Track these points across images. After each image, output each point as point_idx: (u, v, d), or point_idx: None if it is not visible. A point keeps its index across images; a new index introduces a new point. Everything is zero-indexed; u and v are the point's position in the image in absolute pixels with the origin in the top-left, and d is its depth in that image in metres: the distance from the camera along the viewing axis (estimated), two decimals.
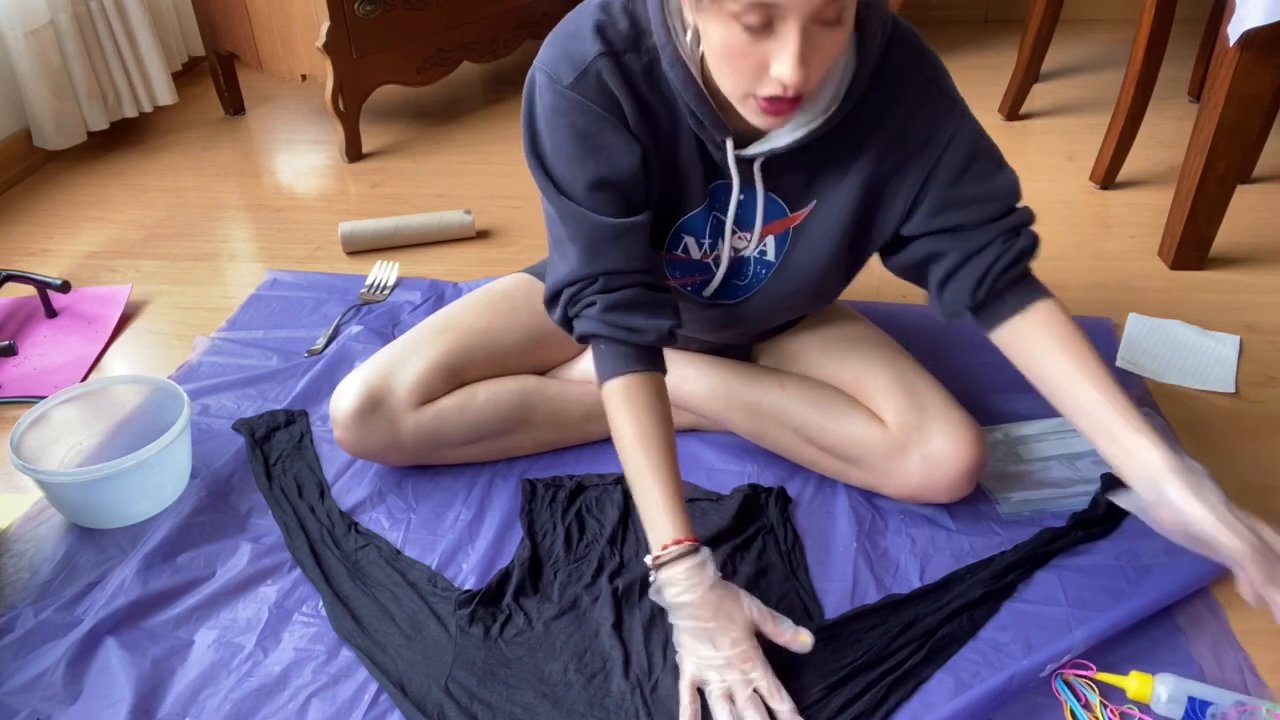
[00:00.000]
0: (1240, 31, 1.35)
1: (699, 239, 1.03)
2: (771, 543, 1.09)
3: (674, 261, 1.05)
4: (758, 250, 1.03)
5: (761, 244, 1.03)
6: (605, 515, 1.13)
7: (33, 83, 1.98)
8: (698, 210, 1.00)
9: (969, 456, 1.05)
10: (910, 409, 1.07)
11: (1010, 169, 0.99)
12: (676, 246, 1.03)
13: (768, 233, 1.02)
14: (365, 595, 1.04)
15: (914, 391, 1.09)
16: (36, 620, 1.02)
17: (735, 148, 0.94)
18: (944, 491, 1.08)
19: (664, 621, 0.99)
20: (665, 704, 0.92)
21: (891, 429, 1.08)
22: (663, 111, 0.94)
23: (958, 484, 1.07)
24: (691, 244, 1.03)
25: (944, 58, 0.96)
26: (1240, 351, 1.38)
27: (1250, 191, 1.81)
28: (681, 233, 1.02)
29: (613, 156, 0.94)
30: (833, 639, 0.96)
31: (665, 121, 0.95)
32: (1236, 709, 0.86)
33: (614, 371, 0.96)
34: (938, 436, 1.06)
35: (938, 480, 1.06)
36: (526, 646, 0.98)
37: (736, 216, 1.00)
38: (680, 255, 1.04)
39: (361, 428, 1.13)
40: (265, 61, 2.18)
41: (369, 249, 1.74)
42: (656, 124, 0.95)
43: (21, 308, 1.60)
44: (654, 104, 0.93)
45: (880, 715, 0.90)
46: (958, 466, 1.05)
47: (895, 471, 1.08)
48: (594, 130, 0.93)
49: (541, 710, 0.92)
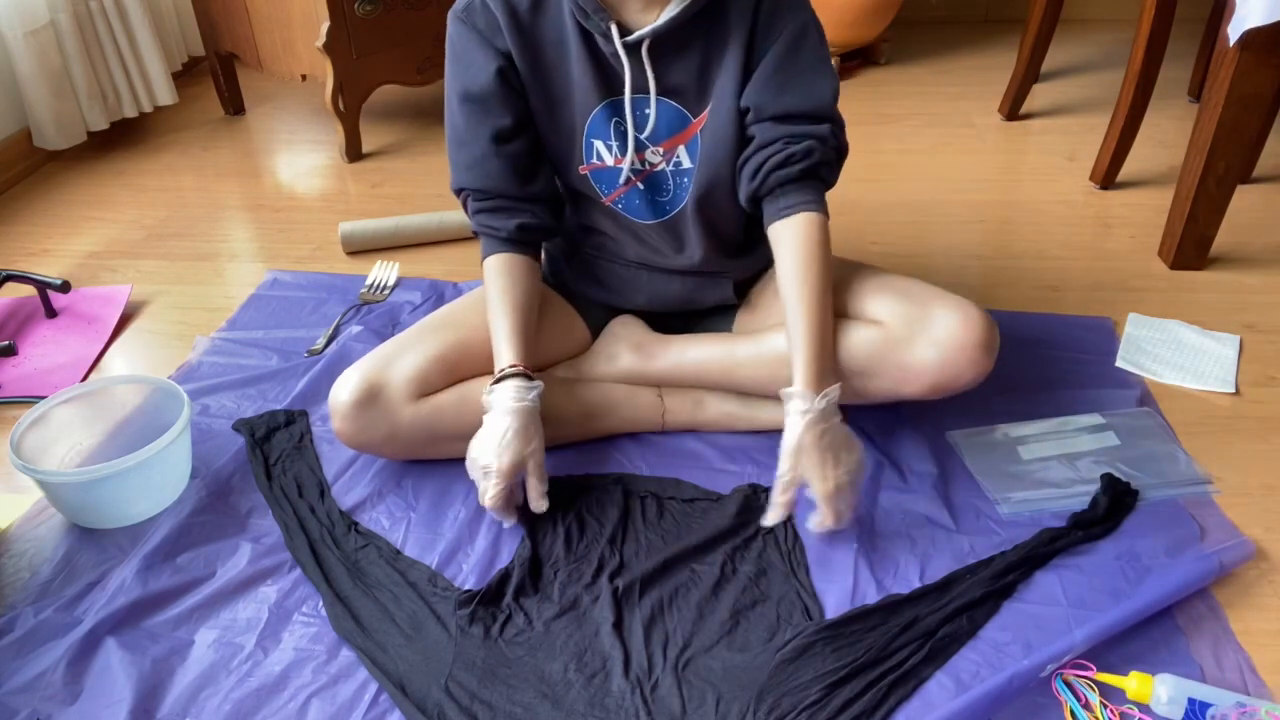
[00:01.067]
0: (1240, 31, 1.35)
1: (606, 143, 1.14)
2: (771, 542, 1.09)
3: (596, 174, 1.16)
4: (673, 163, 1.13)
5: (675, 155, 1.12)
6: (606, 515, 1.13)
7: (33, 83, 1.98)
8: (597, 113, 1.11)
9: (977, 328, 1.06)
10: (905, 303, 1.09)
11: (831, 79, 1.09)
12: (591, 155, 1.15)
13: (676, 143, 1.11)
14: (365, 595, 1.04)
15: (904, 290, 1.11)
16: (36, 620, 1.02)
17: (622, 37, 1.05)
18: (964, 369, 1.07)
19: (664, 621, 1.00)
20: (666, 703, 0.92)
21: (891, 325, 1.09)
22: (551, 26, 1.08)
23: (976, 357, 1.06)
24: (602, 150, 1.14)
25: (944, 58, 0.97)
26: (1240, 351, 1.38)
27: (1250, 191, 1.81)
28: (590, 139, 1.14)
29: (475, 72, 1.10)
30: (833, 639, 0.96)
31: (551, 33, 1.09)
32: (1236, 710, 0.86)
33: (489, 251, 1.18)
34: (940, 318, 1.07)
35: (953, 359, 1.06)
36: (526, 646, 0.98)
37: (639, 125, 1.11)
38: (597, 164, 1.15)
39: (359, 419, 1.13)
40: (265, 61, 2.18)
41: (369, 249, 1.74)
42: (541, 41, 1.09)
43: (21, 308, 1.60)
44: (540, 21, 1.08)
45: (880, 715, 0.90)
46: (969, 337, 1.05)
47: (909, 365, 1.08)
48: (465, 49, 1.10)
49: (541, 710, 0.92)
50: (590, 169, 1.16)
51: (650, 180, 1.15)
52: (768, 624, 1.00)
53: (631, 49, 1.06)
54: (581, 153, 1.15)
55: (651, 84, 1.08)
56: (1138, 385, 1.31)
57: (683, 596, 1.03)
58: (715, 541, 1.09)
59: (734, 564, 1.07)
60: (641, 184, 1.16)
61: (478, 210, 1.17)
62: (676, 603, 1.02)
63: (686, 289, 1.25)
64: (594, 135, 1.13)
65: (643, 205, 1.18)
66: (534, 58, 1.10)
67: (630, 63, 1.07)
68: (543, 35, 1.09)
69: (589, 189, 1.18)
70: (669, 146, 1.12)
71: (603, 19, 1.04)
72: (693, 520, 1.13)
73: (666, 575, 1.05)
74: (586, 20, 1.05)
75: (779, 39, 1.06)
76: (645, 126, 1.11)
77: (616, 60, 1.07)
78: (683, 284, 1.25)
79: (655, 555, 1.07)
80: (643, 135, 1.12)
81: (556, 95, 1.12)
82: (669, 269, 1.24)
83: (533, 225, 1.17)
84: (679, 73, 1.08)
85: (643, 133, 1.11)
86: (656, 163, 1.14)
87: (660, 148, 1.12)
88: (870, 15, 2.34)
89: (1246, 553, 1.05)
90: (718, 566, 1.06)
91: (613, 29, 1.05)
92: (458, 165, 1.16)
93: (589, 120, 1.12)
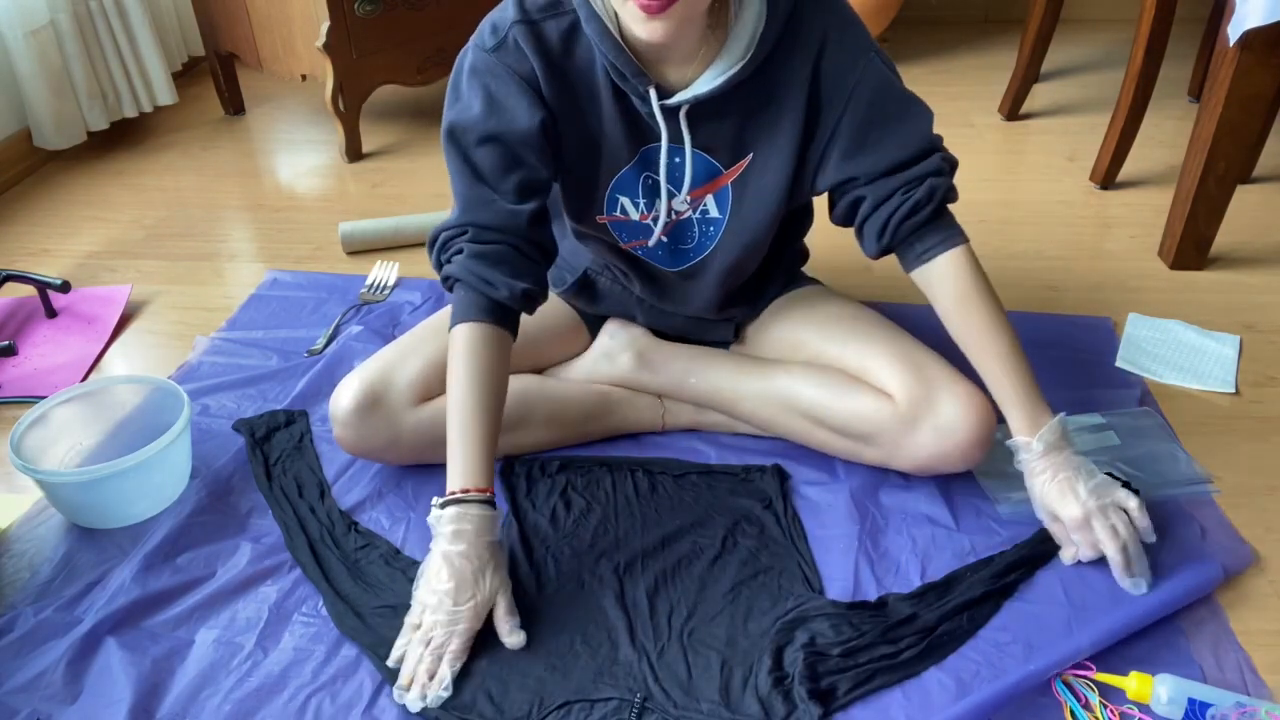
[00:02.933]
0: (1240, 31, 1.35)
1: (633, 199, 1.08)
2: (771, 518, 1.10)
3: (616, 224, 1.11)
4: (699, 211, 1.09)
5: (702, 204, 1.08)
6: (594, 495, 1.15)
7: (33, 83, 1.98)
8: (626, 170, 1.06)
9: (979, 423, 1.06)
10: (917, 381, 1.08)
11: (923, 113, 1.04)
12: (614, 208, 1.10)
13: (704, 192, 1.07)
14: (366, 594, 1.04)
15: (919, 365, 1.10)
16: (36, 620, 1.02)
17: (660, 99, 0.99)
18: (957, 461, 1.08)
19: (668, 592, 1.02)
20: (673, 669, 0.94)
21: (900, 403, 1.08)
22: (582, 74, 1.01)
23: (970, 452, 1.07)
24: (627, 205, 1.09)
25: (944, 58, 0.98)
26: (1240, 351, 1.38)
27: (1250, 191, 1.81)
28: (616, 194, 1.09)
29: (513, 117, 1.00)
30: (833, 617, 0.97)
31: (584, 84, 1.02)
32: (1236, 710, 0.86)
33: (464, 318, 1.02)
34: (947, 406, 1.06)
35: (950, 450, 1.07)
36: (531, 622, 0.99)
37: (671, 177, 1.05)
38: (619, 216, 1.10)
39: (361, 425, 1.13)
40: (265, 61, 2.18)
41: (369, 249, 1.74)
42: (573, 87, 1.02)
43: (21, 308, 1.60)
44: (571, 67, 1.01)
45: (860, 693, 0.91)
46: (969, 435, 1.06)
47: (907, 444, 1.08)
48: (502, 92, 1.00)
49: (551, 681, 0.93)
50: (610, 220, 1.12)
51: (675, 230, 1.12)
52: (770, 594, 1.02)
53: (668, 111, 1.01)
54: (604, 205, 1.10)
55: (687, 140, 1.03)
56: (1138, 385, 1.31)
57: (685, 569, 1.05)
58: (715, 515, 1.11)
59: (734, 537, 1.08)
60: (666, 237, 1.12)
61: (475, 255, 1.01)
62: (679, 574, 1.04)
63: (688, 326, 1.25)
64: (620, 191, 1.08)
65: (665, 254, 1.14)
66: (564, 105, 1.03)
67: (668, 125, 1.01)
68: (573, 82, 1.02)
69: (605, 234, 1.14)
70: (696, 195, 1.08)
71: (642, 82, 0.98)
72: (684, 494, 1.14)
73: (667, 549, 1.07)
74: (624, 82, 0.99)
75: (852, 100, 1.00)
76: (683, 180, 1.06)
77: (652, 119, 1.01)
78: (685, 322, 1.25)
79: (653, 530, 1.09)
80: (680, 192, 1.07)
81: (583, 144, 1.06)
82: (674, 311, 1.23)
83: (535, 293, 1.04)
84: (715, 129, 1.03)
85: (680, 187, 1.06)
86: (683, 211, 1.09)
87: (688, 196, 1.08)
88: (870, 15, 2.34)
89: (1248, 560, 1.05)
90: (718, 540, 1.08)
91: (651, 93, 0.99)
92: (458, 205, 1.03)
93: (618, 175, 1.07)
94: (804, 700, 0.89)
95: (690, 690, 0.92)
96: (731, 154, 1.05)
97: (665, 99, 1.00)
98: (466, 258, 1.01)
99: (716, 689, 0.92)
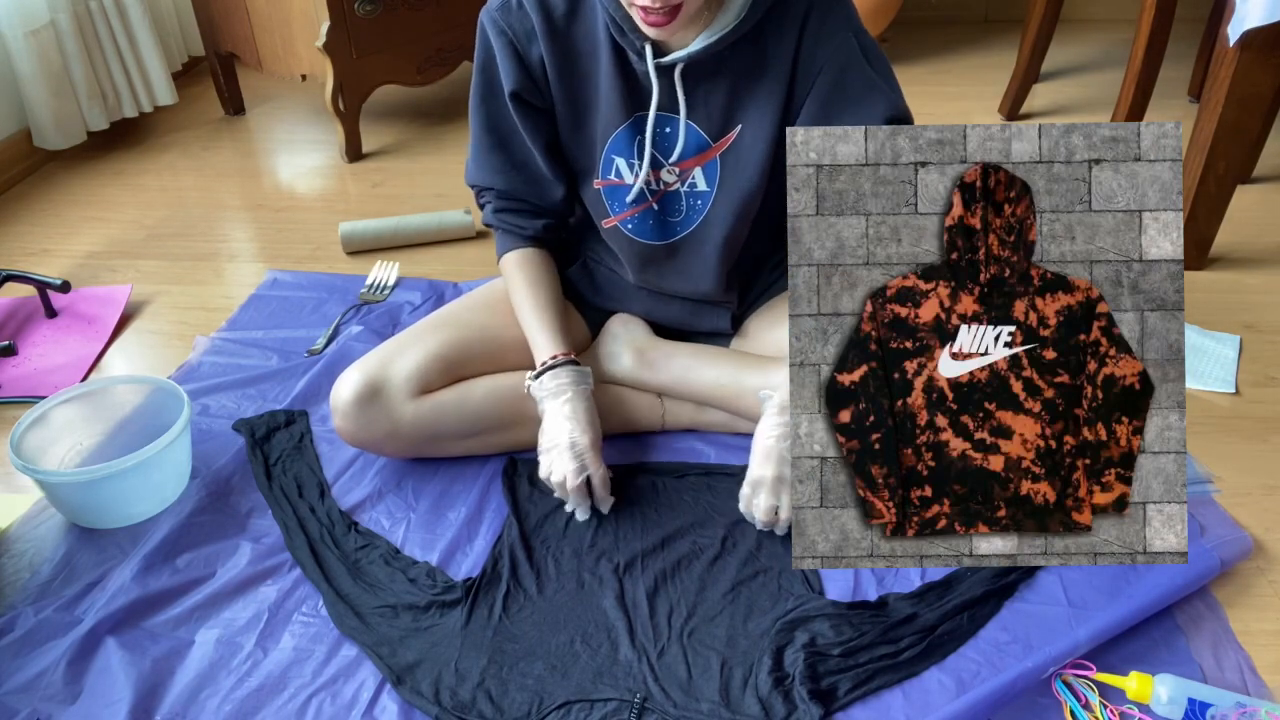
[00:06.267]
0: (1240, 31, 1.35)
1: (628, 160, 1.13)
2: None
3: (610, 190, 1.15)
4: (687, 184, 1.11)
5: (690, 178, 1.11)
6: None
7: (33, 83, 1.98)
8: (621, 130, 1.10)
9: None
10: None
11: (885, 97, 1.05)
12: (609, 170, 1.14)
13: (694, 164, 1.10)
14: (366, 594, 1.04)
15: None
16: (36, 620, 1.02)
17: (655, 57, 1.04)
18: None
19: (668, 592, 1.02)
20: (673, 669, 0.94)
21: None
22: (585, 34, 1.07)
23: None
24: (622, 166, 1.13)
25: (944, 58, 0.98)
26: (1240, 351, 1.38)
27: (1250, 191, 1.81)
28: (611, 154, 1.13)
29: (504, 73, 1.09)
30: (833, 617, 0.97)
31: (587, 43, 1.08)
32: (1236, 710, 0.86)
33: (509, 247, 1.21)
34: None
35: None
36: (532, 622, 1.00)
37: (660, 147, 1.09)
38: (614, 180, 1.14)
39: (360, 416, 1.13)
40: (265, 61, 2.18)
41: (369, 249, 1.74)
42: (575, 47, 1.08)
43: (21, 308, 1.60)
44: (573, 26, 1.07)
45: (860, 693, 0.91)
46: None
47: None
48: (497, 48, 1.09)
49: (551, 681, 0.93)
50: (605, 184, 1.15)
51: (663, 200, 1.15)
52: (770, 594, 1.02)
53: (663, 71, 1.05)
54: (600, 167, 1.14)
55: (682, 106, 1.06)
56: None
57: (684, 569, 1.05)
58: (715, 515, 1.11)
59: (734, 537, 1.09)
60: (656, 205, 1.15)
61: (499, 209, 1.19)
62: (679, 574, 1.04)
63: (684, 313, 1.26)
64: (615, 152, 1.12)
65: (654, 226, 1.17)
66: (566, 65, 1.09)
67: (660, 84, 1.05)
68: (576, 44, 1.08)
69: (599, 206, 1.18)
70: (685, 167, 1.11)
71: (638, 37, 1.03)
72: (684, 494, 1.15)
73: (667, 549, 1.08)
74: (622, 37, 1.04)
75: (820, 76, 1.04)
76: (674, 148, 1.09)
77: (647, 79, 1.06)
78: (681, 307, 1.25)
79: (653, 530, 1.09)
80: (670, 160, 1.10)
81: (583, 106, 1.12)
82: (669, 294, 1.24)
83: (555, 227, 1.21)
84: (707, 96, 1.07)
85: (670, 155, 1.10)
86: (671, 183, 1.13)
87: (677, 168, 1.11)
88: (870, 15, 2.34)
89: (1245, 548, 1.05)
90: (718, 540, 1.08)
91: (647, 49, 1.03)
92: (473, 161, 1.18)
93: (613, 136, 1.11)
94: (804, 700, 0.89)
95: (690, 690, 0.92)
96: (721, 125, 1.09)
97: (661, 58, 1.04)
98: (493, 211, 1.20)
99: (716, 689, 0.92)
